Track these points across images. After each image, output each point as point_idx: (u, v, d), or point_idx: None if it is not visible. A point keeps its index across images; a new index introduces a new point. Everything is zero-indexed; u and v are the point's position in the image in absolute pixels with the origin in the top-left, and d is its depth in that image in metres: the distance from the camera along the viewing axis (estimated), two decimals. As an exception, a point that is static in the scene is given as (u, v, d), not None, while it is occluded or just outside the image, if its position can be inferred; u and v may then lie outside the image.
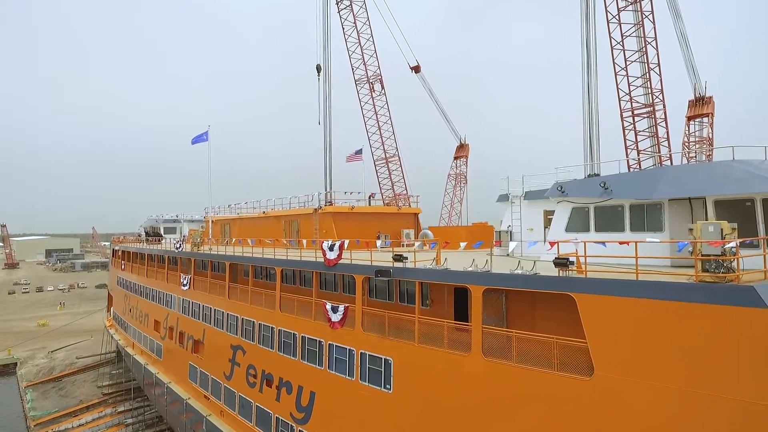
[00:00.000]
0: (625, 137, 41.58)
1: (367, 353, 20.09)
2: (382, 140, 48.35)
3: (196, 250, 37.58)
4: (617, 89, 40.72)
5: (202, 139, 41.78)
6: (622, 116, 41.16)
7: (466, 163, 59.79)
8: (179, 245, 38.12)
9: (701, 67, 42.45)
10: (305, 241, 25.42)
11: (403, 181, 49.21)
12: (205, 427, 30.48)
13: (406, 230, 36.61)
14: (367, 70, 47.55)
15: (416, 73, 54.33)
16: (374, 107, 47.84)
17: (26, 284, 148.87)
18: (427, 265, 18.78)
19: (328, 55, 41.29)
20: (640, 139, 41.00)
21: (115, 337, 57.48)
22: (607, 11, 38.86)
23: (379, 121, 47.91)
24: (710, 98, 45.29)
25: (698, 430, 11.65)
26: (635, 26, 38.58)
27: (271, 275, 32.42)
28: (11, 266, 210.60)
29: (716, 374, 11.38)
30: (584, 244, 13.94)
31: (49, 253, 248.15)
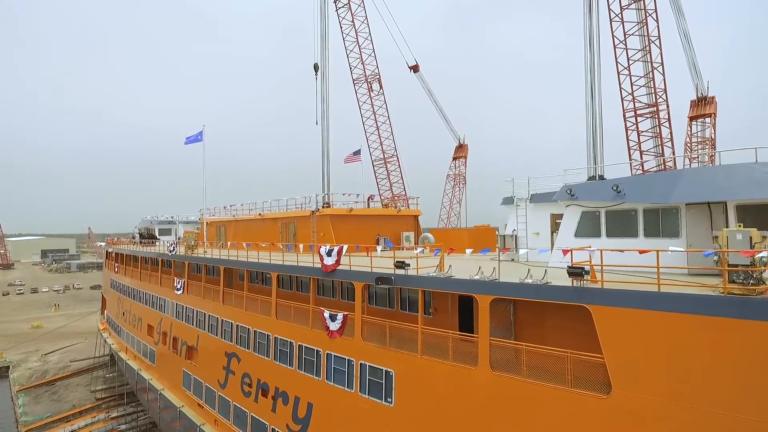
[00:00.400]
0: (627, 138, 40.86)
1: (367, 364, 19.15)
2: (380, 140, 47.64)
3: (190, 253, 36.58)
4: (620, 89, 39.99)
5: (196, 139, 40.72)
6: (624, 116, 40.46)
7: (465, 163, 59.25)
8: (173, 248, 37.11)
9: (701, 66, 41.80)
10: (302, 245, 24.40)
11: (401, 181, 48.53)
12: (198, 436, 29.53)
13: (405, 233, 35.66)
14: (365, 69, 46.85)
15: (415, 72, 53.80)
16: (372, 107, 47.17)
17: (21, 285, 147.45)
18: (430, 272, 17.84)
19: (325, 52, 40.35)
20: (643, 139, 40.29)
21: (108, 341, 56.40)
22: (609, 9, 38.15)
23: (377, 121, 47.26)
24: (712, 98, 44.61)
25: (727, 455, 10.77)
26: (638, 25, 37.87)
27: (267, 280, 31.46)
28: (6, 267, 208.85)
29: (749, 396, 10.49)
30: (600, 252, 13.01)
31: (44, 253, 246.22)
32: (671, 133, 40.51)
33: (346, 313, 20.45)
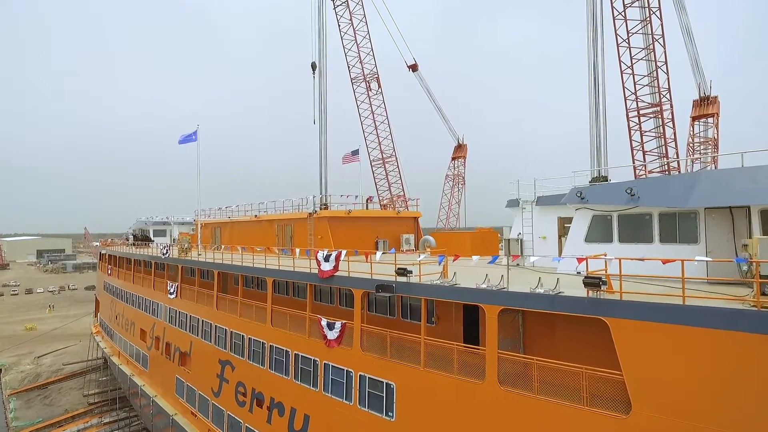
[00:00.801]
0: (630, 138, 40.00)
1: (366, 376, 18.18)
2: (378, 140, 46.79)
3: (183, 256, 35.53)
4: (623, 88, 39.15)
5: (190, 139, 39.64)
6: (627, 116, 39.59)
7: (464, 163, 58.58)
8: (166, 251, 36.05)
9: (703, 64, 40.98)
10: (298, 250, 23.38)
11: (400, 182, 47.63)
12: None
13: (405, 235, 34.75)
14: (363, 68, 46.02)
15: (413, 71, 53.10)
16: (371, 106, 46.32)
17: (15, 286, 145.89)
18: (434, 280, 16.89)
19: (323, 51, 39.50)
20: (646, 140, 39.44)
21: (101, 345, 55.32)
22: (613, 8, 37.31)
23: (375, 120, 46.42)
24: (715, 98, 43.84)
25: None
26: (642, 23, 37.03)
27: (262, 284, 30.49)
28: (1, 267, 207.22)
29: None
30: (619, 261, 12.08)
31: (40, 253, 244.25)
32: (675, 133, 39.73)
33: (344, 321, 19.49)
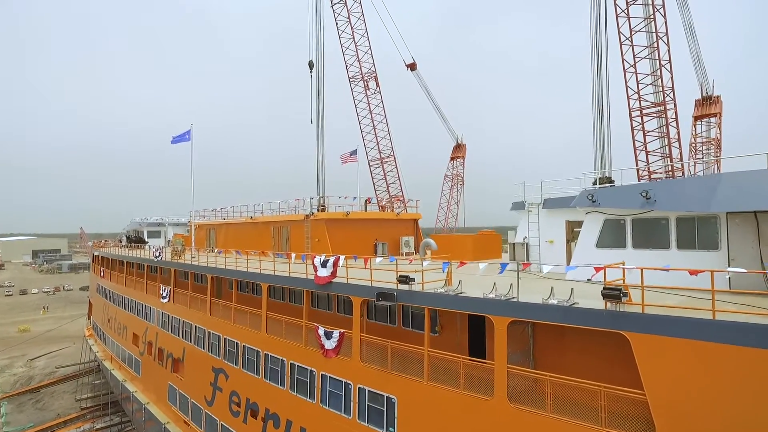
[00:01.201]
0: (633, 138, 39.14)
1: (366, 388, 17.22)
2: (377, 140, 45.94)
3: (176, 258, 34.46)
4: (626, 87, 38.28)
5: (183, 138, 38.60)
6: (630, 116, 38.70)
7: (462, 163, 57.95)
8: (158, 254, 34.97)
9: (705, 63, 40.19)
10: (294, 255, 22.37)
11: (398, 182, 46.76)
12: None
13: (405, 238, 33.82)
14: (361, 67, 45.14)
15: (412, 70, 52.39)
16: (369, 106, 45.46)
17: (10, 286, 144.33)
18: (437, 288, 15.93)
19: (320, 49, 38.56)
20: (649, 140, 38.60)
21: (93, 348, 54.24)
22: (616, 5, 36.42)
23: (373, 120, 45.57)
24: (718, 97, 43.06)
25: None
26: (645, 20, 36.17)
27: (257, 289, 29.49)
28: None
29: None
30: (641, 271, 11.14)
31: (35, 253, 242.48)
32: (678, 133, 38.97)
33: (343, 330, 18.52)
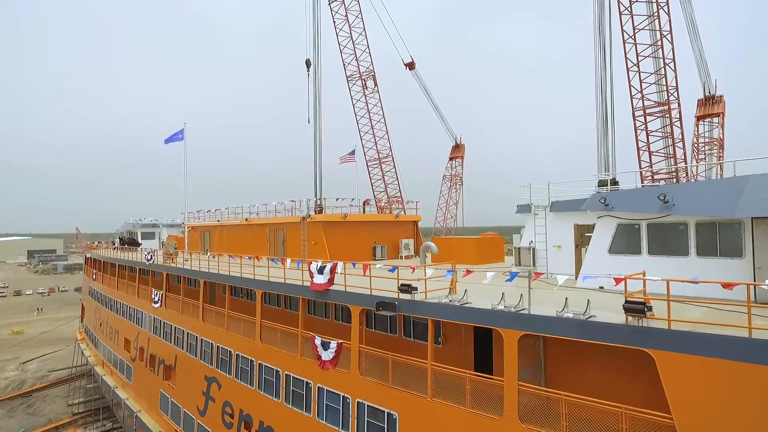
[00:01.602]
0: (637, 138, 38.32)
1: (365, 403, 16.26)
2: (375, 140, 45.05)
3: (169, 261, 33.40)
4: (629, 86, 37.44)
5: (176, 137, 37.57)
6: (634, 115, 37.84)
7: (461, 164, 57.11)
8: (150, 257, 33.90)
9: (707, 62, 39.34)
10: (289, 260, 21.34)
11: (396, 182, 45.92)
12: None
13: (404, 240, 32.86)
14: (359, 65, 44.23)
15: (410, 70, 51.48)
16: (367, 105, 44.56)
17: (4, 287, 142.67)
18: (441, 297, 14.95)
19: (317, 47, 37.63)
20: (652, 140, 37.79)
21: (85, 353, 53.10)
22: (619, 3, 35.60)
23: (371, 119, 44.69)
24: (720, 97, 42.20)
25: None
26: (649, 18, 35.35)
27: (252, 294, 28.49)
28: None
29: None
30: (667, 283, 10.19)
31: (31, 254, 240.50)
32: (682, 133, 38.13)
33: (341, 341, 17.54)
